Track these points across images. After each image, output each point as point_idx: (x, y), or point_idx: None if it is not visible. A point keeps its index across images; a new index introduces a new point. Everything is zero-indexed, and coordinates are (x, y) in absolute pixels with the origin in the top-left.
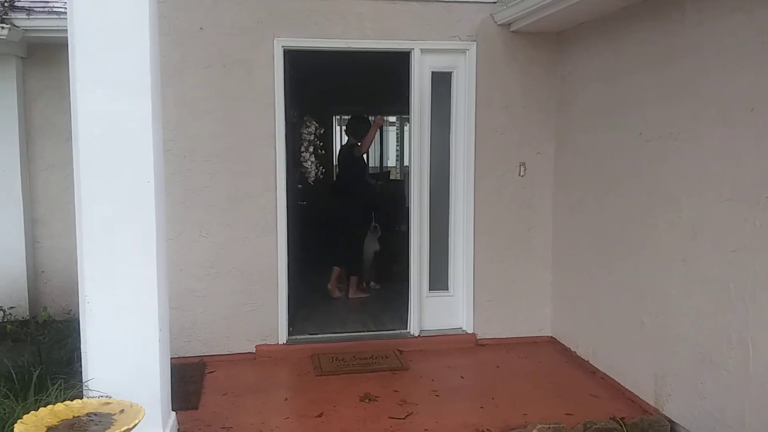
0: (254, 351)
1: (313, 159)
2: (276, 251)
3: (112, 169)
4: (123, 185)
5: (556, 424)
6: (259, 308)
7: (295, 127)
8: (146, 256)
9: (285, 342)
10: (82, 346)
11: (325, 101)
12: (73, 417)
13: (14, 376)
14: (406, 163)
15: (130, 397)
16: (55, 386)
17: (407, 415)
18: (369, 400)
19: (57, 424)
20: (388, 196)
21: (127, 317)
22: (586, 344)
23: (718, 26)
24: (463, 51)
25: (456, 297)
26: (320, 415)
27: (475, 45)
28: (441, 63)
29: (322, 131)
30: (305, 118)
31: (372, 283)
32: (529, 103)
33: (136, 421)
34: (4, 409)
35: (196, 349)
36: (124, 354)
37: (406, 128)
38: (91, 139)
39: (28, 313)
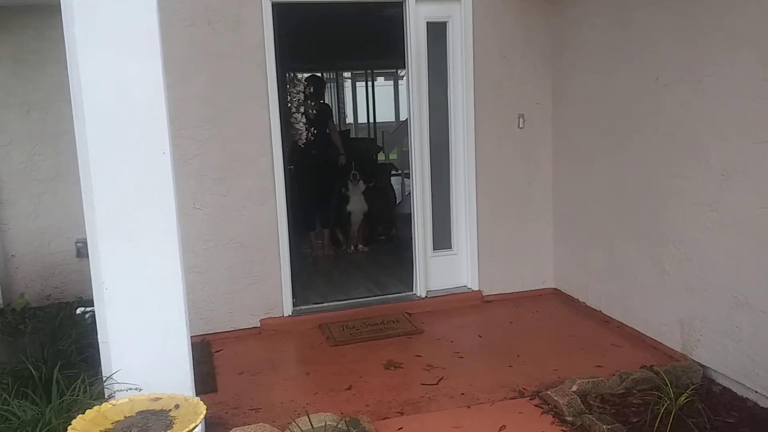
0: (259, 325)
1: (303, 120)
2: (275, 219)
3: (125, 142)
4: (137, 159)
5: (593, 378)
6: (261, 280)
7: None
8: (168, 236)
9: (291, 314)
10: (100, 336)
11: (320, 57)
12: (125, 417)
13: (32, 373)
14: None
15: (158, 387)
16: (78, 381)
17: (439, 380)
18: (394, 367)
19: (111, 427)
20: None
21: (150, 302)
22: (596, 294)
23: None
24: None
25: (460, 255)
26: (350, 388)
27: None
28: (436, 12)
29: (311, 90)
30: (293, 76)
31: (360, 246)
32: (527, 51)
33: (202, 416)
34: (26, 413)
35: (198, 327)
36: (148, 342)
37: (401, 83)
38: (99, 110)
39: (1, 301)
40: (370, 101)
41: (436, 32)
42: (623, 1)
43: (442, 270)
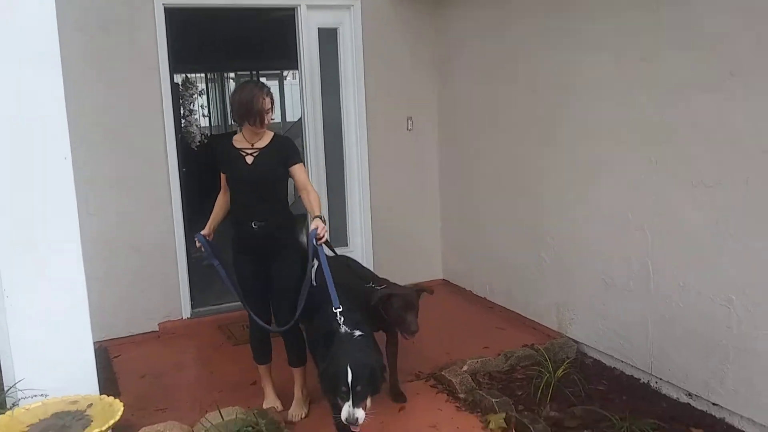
0: (158, 329)
1: (198, 124)
2: (172, 224)
3: (25, 150)
4: (40, 166)
5: (481, 358)
6: (159, 284)
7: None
8: (70, 243)
9: (189, 316)
10: (0, 346)
11: (215, 60)
12: (40, 420)
13: None
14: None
15: (64, 393)
16: None
17: None
18: None
19: (26, 430)
20: None
21: (53, 310)
22: (481, 283)
23: None
24: (348, 7)
25: (356, 252)
26: (255, 383)
27: (359, 0)
28: (327, 19)
29: (202, 92)
30: (186, 79)
31: None
32: (415, 58)
33: (120, 412)
34: None
35: (93, 334)
36: (52, 349)
37: (285, 83)
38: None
39: None
40: None
41: (328, 37)
42: (502, 14)
43: None
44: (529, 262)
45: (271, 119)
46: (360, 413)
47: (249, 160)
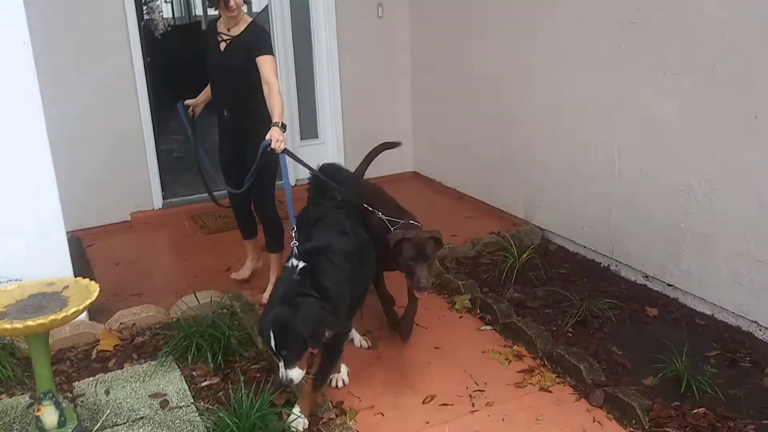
0: (130, 219)
1: (160, 11)
2: (138, 113)
3: None
4: None
5: (449, 244)
6: (129, 175)
7: None
8: (35, 129)
9: (161, 207)
10: None
11: None
12: (17, 301)
13: None
14: None
15: (39, 277)
16: None
17: None
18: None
19: (4, 310)
20: None
21: (23, 196)
22: (451, 175)
23: None
24: None
25: (326, 144)
26: (228, 269)
27: None
28: None
29: None
30: None
31: None
32: None
33: (96, 293)
34: None
35: (66, 225)
36: (25, 235)
37: None
38: None
39: None
40: None
41: None
42: None
43: (310, 159)
44: (498, 152)
45: (241, 3)
46: (293, 374)
47: (222, 46)
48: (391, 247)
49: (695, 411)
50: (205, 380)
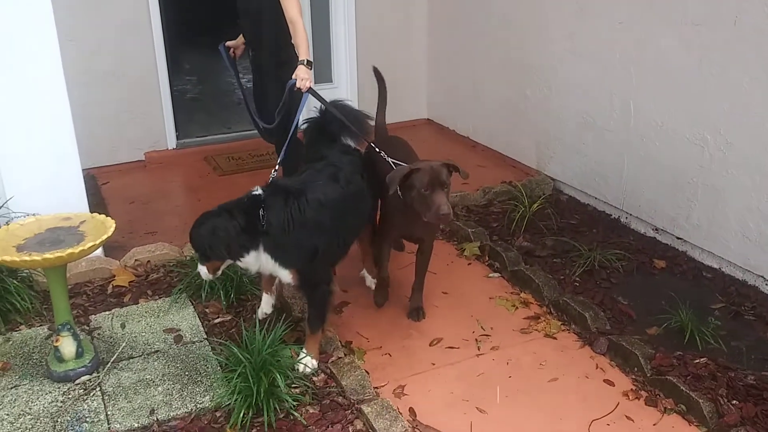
0: (144, 158)
1: None
2: (153, 52)
3: None
4: None
5: (460, 192)
6: (143, 114)
7: None
8: (51, 65)
9: (175, 147)
10: None
11: None
12: (34, 234)
13: None
14: None
15: (55, 212)
16: None
17: None
18: None
19: (23, 242)
20: None
21: (40, 131)
22: (464, 123)
23: None
24: None
25: (340, 88)
26: None
27: None
28: None
29: None
30: None
31: None
32: None
33: (112, 228)
34: None
35: (81, 162)
36: (41, 169)
37: None
38: None
39: None
40: None
41: None
42: None
43: None
44: (513, 102)
45: None
46: (201, 270)
47: None
48: (390, 185)
49: (697, 360)
50: (218, 317)
